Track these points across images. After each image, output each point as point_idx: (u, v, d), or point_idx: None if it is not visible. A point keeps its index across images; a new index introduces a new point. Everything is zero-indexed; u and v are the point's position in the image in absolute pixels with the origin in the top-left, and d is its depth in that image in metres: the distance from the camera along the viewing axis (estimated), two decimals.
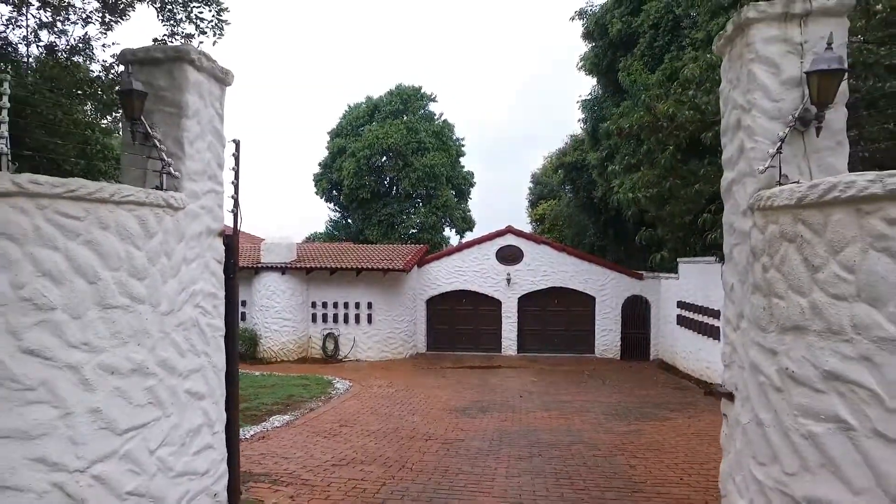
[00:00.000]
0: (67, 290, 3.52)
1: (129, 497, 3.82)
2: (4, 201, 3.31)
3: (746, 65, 3.76)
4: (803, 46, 3.57)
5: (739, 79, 3.87)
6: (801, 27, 3.58)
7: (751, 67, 3.72)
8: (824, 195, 3.07)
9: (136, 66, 4.38)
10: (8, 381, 3.30)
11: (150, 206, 3.97)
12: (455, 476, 6.47)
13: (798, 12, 3.56)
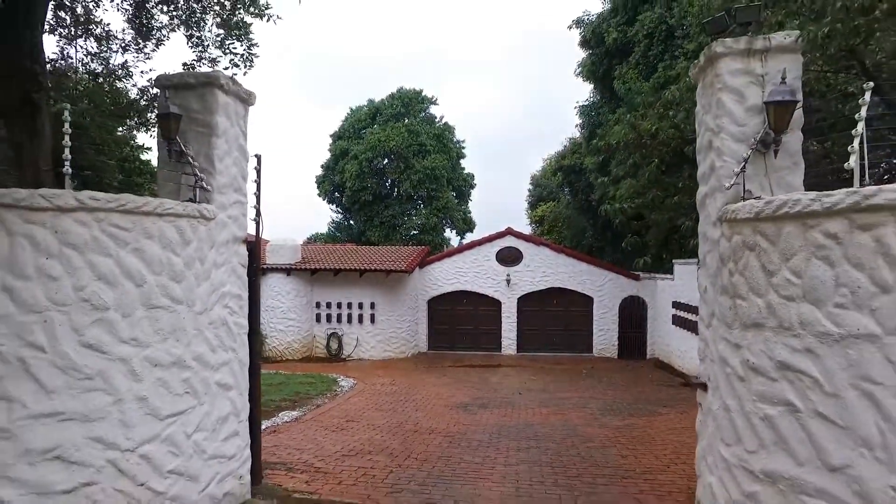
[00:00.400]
0: (119, 293, 4.04)
1: (169, 475, 4.34)
2: (68, 215, 3.84)
3: (716, 93, 4.28)
4: (764, 78, 4.08)
5: (710, 105, 4.39)
6: (762, 61, 4.09)
7: (719, 96, 4.24)
8: (777, 210, 3.58)
9: (172, 91, 4.90)
10: (72, 370, 3.83)
11: (186, 217, 4.49)
12: (457, 464, 6.97)
13: (759, 48, 4.08)
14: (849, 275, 3.22)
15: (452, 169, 30.28)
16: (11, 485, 3.67)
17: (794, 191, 4.08)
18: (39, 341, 3.77)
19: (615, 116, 13.44)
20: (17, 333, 3.71)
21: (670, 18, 12.91)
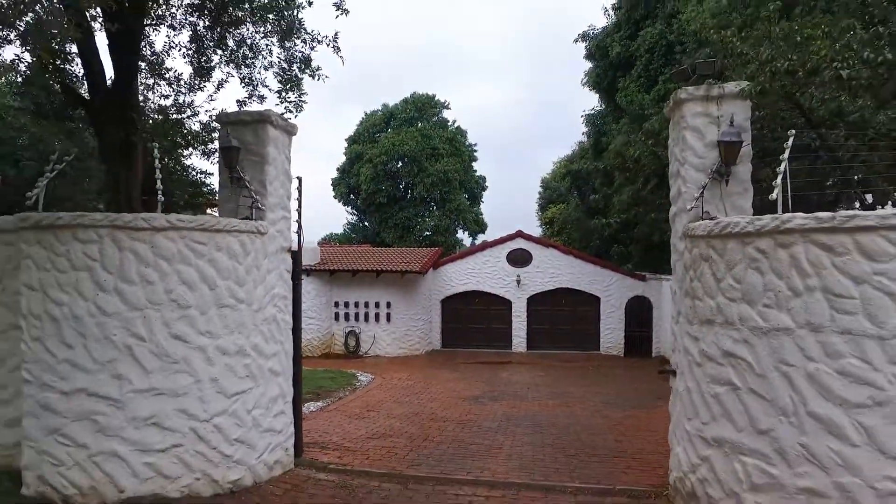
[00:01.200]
0: (198, 295, 5.12)
1: (234, 443, 5.41)
2: (161, 234, 4.93)
3: (681, 130, 5.24)
4: (719, 119, 5.04)
5: (678, 139, 5.35)
6: (718, 105, 5.05)
7: (684, 133, 5.20)
8: (723, 230, 4.55)
9: (231, 127, 5.97)
10: (164, 356, 4.92)
11: (246, 232, 5.56)
12: (469, 445, 7.98)
13: (714, 95, 5.04)
14: (773, 281, 4.18)
15: (465, 171, 31.30)
16: (123, 443, 4.78)
17: (744, 212, 5.04)
18: (141, 332, 4.88)
19: (618, 126, 14.35)
20: (125, 326, 4.81)
21: (670, 34, 13.79)
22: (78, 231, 4.84)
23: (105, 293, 4.84)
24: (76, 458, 4.82)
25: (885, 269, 3.72)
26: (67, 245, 4.84)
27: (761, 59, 5.03)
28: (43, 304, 4.88)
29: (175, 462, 5.01)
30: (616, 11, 15.93)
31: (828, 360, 3.90)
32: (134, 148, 5.39)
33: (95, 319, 4.84)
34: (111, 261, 4.85)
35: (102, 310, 4.84)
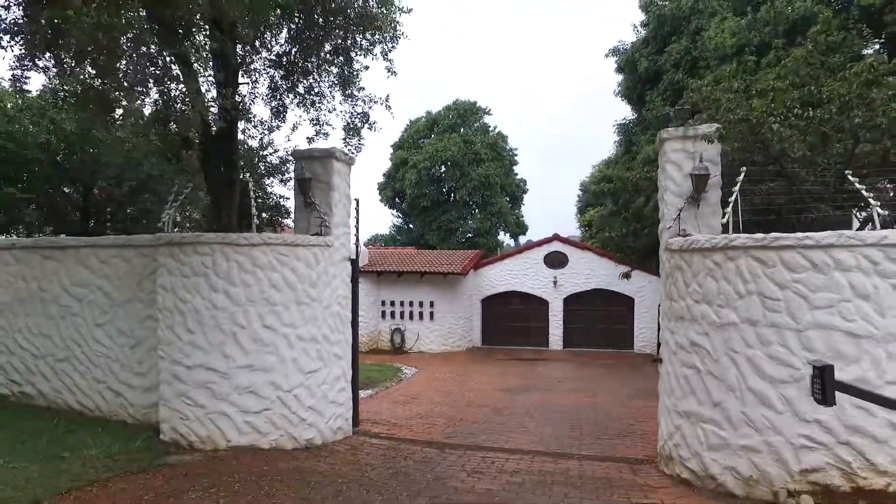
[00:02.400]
0: (282, 294, 6.74)
1: (308, 409, 7.02)
2: (257, 248, 6.57)
3: (665, 163, 6.51)
4: (694, 154, 6.28)
5: (663, 170, 6.62)
6: (693, 143, 6.29)
7: (666, 165, 6.47)
8: (690, 245, 5.81)
9: (304, 161, 7.60)
10: (258, 341, 6.58)
11: (318, 246, 7.17)
12: (499, 425, 9.39)
13: (690, 135, 6.29)
14: (724, 287, 5.43)
15: (506, 175, 32.56)
16: (229, 405, 6.48)
17: (714, 230, 6.25)
18: (242, 322, 6.56)
19: (646, 137, 15.35)
20: (230, 318, 6.50)
21: (694, 50, 14.72)
22: (197, 247, 6.58)
23: (216, 293, 6.55)
24: (197, 415, 6.56)
25: (800, 277, 4.93)
26: (190, 257, 6.58)
27: (721, 110, 6.23)
28: (173, 300, 6.64)
29: (266, 421, 6.68)
30: (644, 28, 16.93)
31: (761, 347, 5.13)
32: (233, 181, 7.11)
33: (210, 312, 6.55)
34: (221, 269, 6.56)
35: (214, 305, 6.56)
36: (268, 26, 7.32)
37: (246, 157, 7.59)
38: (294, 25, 7.61)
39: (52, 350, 7.81)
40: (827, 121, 5.62)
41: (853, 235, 4.82)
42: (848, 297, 4.79)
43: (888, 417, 4.65)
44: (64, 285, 7.76)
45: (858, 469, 4.74)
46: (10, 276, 8.05)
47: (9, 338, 8.05)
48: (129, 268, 7.40)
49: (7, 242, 8.39)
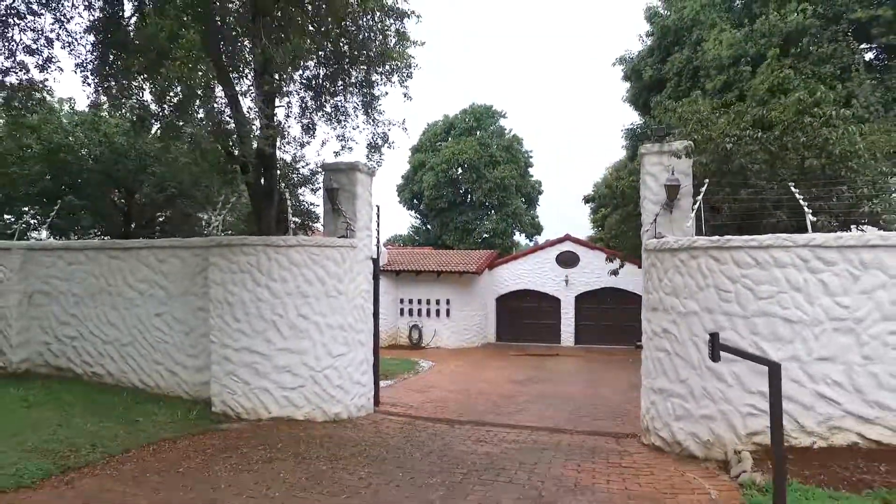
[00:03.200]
0: (314, 288, 7.94)
1: (336, 388, 8.19)
2: (293, 249, 7.78)
3: (644, 175, 7.54)
4: (668, 167, 7.30)
5: (643, 180, 7.65)
6: (668, 157, 7.31)
7: (645, 177, 7.50)
8: (662, 246, 6.84)
9: (331, 172, 8.79)
10: (294, 328, 7.78)
11: (344, 247, 8.35)
12: (504, 408, 10.48)
13: (665, 150, 7.31)
14: (688, 281, 6.45)
15: (521, 177, 33.54)
16: (270, 382, 7.70)
17: (685, 233, 7.26)
18: (280, 312, 7.75)
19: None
20: (271, 308, 7.72)
21: (695, 60, 15.59)
22: (244, 248, 7.81)
23: (259, 287, 7.78)
24: (243, 390, 7.79)
25: (747, 273, 5.95)
26: (237, 256, 7.82)
27: (687, 131, 7.24)
28: (223, 293, 7.89)
29: (300, 396, 7.88)
30: (649, 38, 17.81)
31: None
32: (272, 192, 8.33)
33: (254, 303, 7.78)
34: (263, 266, 7.78)
35: (258, 297, 7.78)
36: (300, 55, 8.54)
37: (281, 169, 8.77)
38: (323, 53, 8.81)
39: (118, 336, 9.15)
40: (773, 141, 6.59)
41: (787, 238, 5.82)
42: (784, 289, 5.80)
43: (815, 388, 5.65)
44: (128, 281, 9.09)
45: (791, 431, 5.74)
46: (83, 274, 9.41)
47: (82, 326, 9.41)
48: (183, 266, 8.69)
49: (79, 244, 9.76)
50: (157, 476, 5.51)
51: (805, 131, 6.49)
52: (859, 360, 5.61)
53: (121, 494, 4.95)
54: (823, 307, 5.71)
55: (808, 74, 13.30)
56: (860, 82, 12.45)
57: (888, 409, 5.53)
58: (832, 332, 5.69)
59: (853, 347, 5.63)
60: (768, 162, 6.85)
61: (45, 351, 9.72)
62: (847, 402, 5.63)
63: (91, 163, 14.37)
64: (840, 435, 5.66)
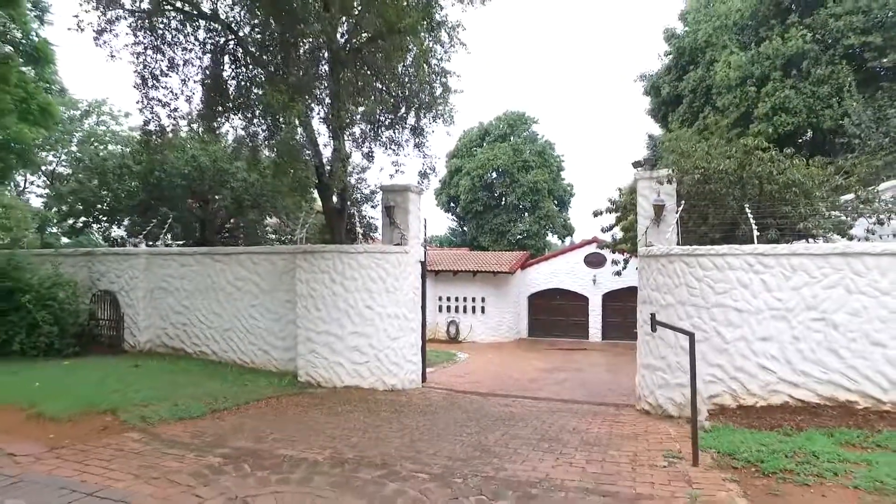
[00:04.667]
0: (377, 285, 10.27)
1: (392, 364, 10.48)
2: (360, 255, 10.12)
3: (638, 196, 9.55)
4: (656, 190, 9.28)
5: (637, 200, 9.65)
6: (656, 182, 9.30)
7: (639, 198, 9.51)
8: (649, 252, 8.85)
9: (388, 192, 11.08)
10: (361, 316, 10.13)
11: (399, 252, 10.63)
12: (529, 388, 12.58)
13: (654, 176, 9.30)
14: (667, 280, 8.45)
15: (553, 181, 35.38)
16: (343, 358, 10.05)
17: (670, 243, 9.22)
18: (351, 304, 10.10)
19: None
20: (344, 300, 10.07)
21: (708, 79, 17.27)
22: (323, 254, 10.17)
23: (335, 284, 10.13)
24: (322, 364, 10.16)
25: (709, 273, 7.92)
26: (318, 261, 10.19)
27: (671, 160, 9.19)
28: (307, 289, 10.28)
29: (366, 370, 10.19)
30: (667, 57, 19.53)
31: (687, 319, 8.13)
32: (343, 209, 10.67)
33: (331, 297, 10.14)
34: (338, 268, 10.13)
35: (334, 293, 10.13)
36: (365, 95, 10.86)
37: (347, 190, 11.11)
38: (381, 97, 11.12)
39: (220, 323, 11.69)
40: (733, 172, 8.50)
41: (737, 247, 7.77)
42: (735, 286, 7.75)
43: (757, 361, 7.59)
44: (228, 279, 11.62)
45: (741, 394, 7.68)
46: (193, 273, 12.00)
47: (192, 315, 12.00)
48: (273, 267, 11.14)
49: (190, 251, 12.36)
50: (272, 416, 7.89)
51: (752, 166, 8.37)
52: (790, 340, 7.52)
53: (254, 425, 7.32)
54: (764, 300, 7.63)
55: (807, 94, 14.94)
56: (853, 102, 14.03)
57: (810, 377, 7.42)
58: (770, 319, 7.61)
59: (785, 330, 7.54)
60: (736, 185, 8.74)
61: (163, 334, 12.38)
62: (781, 371, 7.54)
63: (179, 179, 17.14)
64: (776, 396, 7.58)
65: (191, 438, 6.60)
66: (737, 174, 8.60)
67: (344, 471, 5.50)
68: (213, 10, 11.10)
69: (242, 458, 5.87)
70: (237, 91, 11.20)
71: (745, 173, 8.55)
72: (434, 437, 7.00)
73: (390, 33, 9.07)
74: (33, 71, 16.60)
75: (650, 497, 4.85)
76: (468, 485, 5.14)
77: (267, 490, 4.94)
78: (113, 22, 10.53)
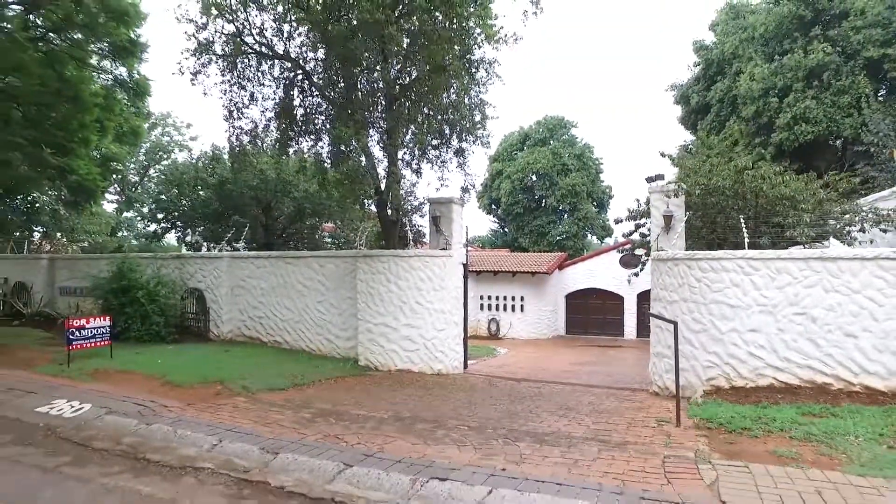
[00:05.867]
0: (426, 284, 12.16)
1: (438, 352, 12.35)
2: (412, 258, 12.05)
3: (651, 206, 11.07)
4: (665, 201, 10.79)
5: (651, 209, 11.17)
6: (665, 196, 10.81)
7: (651, 209, 11.04)
8: (659, 256, 10.38)
9: (434, 204, 12.94)
10: (412, 311, 12.06)
11: (444, 256, 12.48)
12: (558, 376, 14.19)
13: (665, 190, 10.82)
14: (673, 280, 9.98)
15: (592, 183, 36.56)
16: (397, 346, 11.99)
17: (679, 248, 10.70)
18: (404, 300, 12.03)
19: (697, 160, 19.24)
20: (398, 297, 12.00)
21: (734, 89, 18.37)
22: (380, 258, 12.12)
23: (390, 283, 12.07)
24: (379, 351, 12.12)
25: (706, 275, 9.42)
26: (376, 263, 12.15)
27: (679, 178, 10.66)
28: (366, 287, 12.26)
29: (416, 356, 12.08)
30: (696, 67, 20.65)
31: (688, 313, 9.64)
32: (397, 220, 12.63)
33: (387, 294, 12.08)
34: (392, 269, 12.06)
35: (389, 290, 12.06)
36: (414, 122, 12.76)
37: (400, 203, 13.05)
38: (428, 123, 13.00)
39: (291, 316, 13.84)
40: (729, 188, 9.94)
41: (731, 252, 9.22)
42: (728, 286, 9.22)
43: (748, 349, 9.04)
44: (298, 279, 13.74)
45: (733, 377, 9.15)
46: (268, 274, 14.20)
47: (267, 309, 14.21)
48: (336, 269, 13.18)
49: (265, 254, 14.57)
50: (342, 390, 9.86)
51: (744, 184, 9.76)
52: (775, 331, 8.94)
53: (329, 395, 9.29)
54: (753, 297, 9.07)
55: (827, 104, 15.99)
56: (872, 112, 15.05)
57: (792, 362, 8.83)
58: (758, 313, 9.04)
59: (771, 323, 8.96)
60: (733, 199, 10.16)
61: (242, 326, 14.65)
62: (767, 358, 8.97)
63: (247, 190, 19.56)
64: (763, 379, 9.01)
65: (283, 402, 8.63)
66: (733, 189, 10.04)
67: (404, 423, 7.38)
68: (285, 51, 13.23)
69: (326, 414, 7.83)
70: (304, 118, 13.33)
71: (740, 189, 9.97)
72: (473, 405, 8.81)
73: (435, 72, 10.93)
74: (125, 99, 19.36)
75: (634, 443, 6.51)
76: (497, 433, 6.92)
77: (349, 432, 6.86)
78: (206, 65, 12.81)
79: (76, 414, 7.50)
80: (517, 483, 5.11)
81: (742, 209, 10.14)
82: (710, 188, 10.18)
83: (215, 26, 12.76)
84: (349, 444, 6.40)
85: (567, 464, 5.73)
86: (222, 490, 5.28)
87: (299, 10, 12.36)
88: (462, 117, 11.93)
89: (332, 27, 10.90)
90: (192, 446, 6.31)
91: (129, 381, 9.38)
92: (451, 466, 5.57)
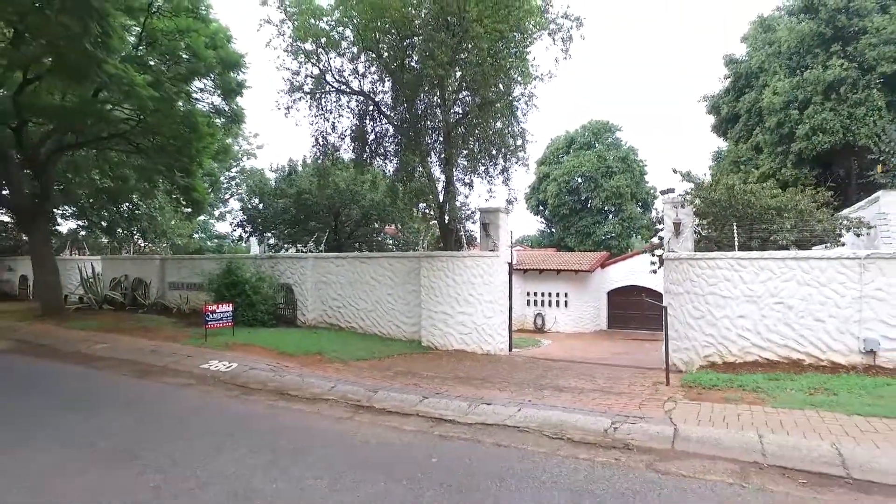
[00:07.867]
0: (477, 280, 14.96)
1: (487, 336, 15.11)
2: (466, 258, 14.88)
3: (663, 215, 13.44)
4: (675, 210, 13.15)
5: (662, 216, 13.53)
6: (673, 206, 13.15)
7: (664, 217, 13.41)
8: (668, 257, 12.77)
9: (483, 212, 15.70)
10: (465, 301, 14.89)
11: (492, 257, 15.21)
12: (590, 359, 16.64)
13: (675, 201, 13.18)
14: (679, 276, 12.37)
15: (636, 184, 38.32)
16: (454, 330, 14.87)
17: (688, 250, 13.02)
18: (459, 293, 14.87)
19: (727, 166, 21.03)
20: (456, 291, 14.86)
21: (760, 101, 20.18)
22: (440, 258, 14.98)
23: (447, 279, 14.91)
24: (439, 334, 14.99)
25: (704, 272, 11.78)
26: (436, 262, 15.01)
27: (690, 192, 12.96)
28: (428, 282, 15.14)
29: (469, 339, 14.87)
30: (726, 80, 22.47)
31: (690, 303, 12.01)
32: (453, 228, 15.46)
33: (445, 288, 14.92)
34: (450, 268, 14.89)
35: (447, 285, 14.91)
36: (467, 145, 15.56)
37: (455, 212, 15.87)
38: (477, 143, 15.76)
39: (365, 306, 16.90)
40: (724, 200, 12.20)
41: (724, 253, 11.53)
42: (721, 280, 11.54)
43: (737, 332, 11.34)
44: (371, 275, 16.79)
45: (725, 354, 11.47)
46: (346, 272, 17.34)
47: (345, 300, 17.34)
48: (403, 267, 16.13)
49: (344, 255, 17.73)
50: (411, 361, 12.76)
51: (735, 197, 12.01)
52: (759, 317, 11.20)
53: (402, 364, 12.19)
54: (741, 290, 11.36)
55: (844, 115, 17.78)
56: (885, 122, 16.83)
57: (773, 343, 11.08)
58: (745, 303, 11.33)
59: (756, 311, 11.23)
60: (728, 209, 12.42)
61: (324, 314, 17.85)
62: (753, 339, 11.25)
63: (322, 199, 22.89)
64: (749, 356, 11.29)
65: (369, 367, 11.60)
66: (727, 202, 12.32)
67: (461, 380, 10.19)
68: (359, 87, 16.31)
69: (404, 374, 10.74)
70: (375, 142, 16.38)
71: (733, 201, 12.24)
72: (514, 372, 11.53)
73: (484, 106, 13.70)
74: (219, 123, 23.07)
75: (628, 393, 9.08)
76: (529, 387, 9.63)
77: (424, 383, 9.72)
78: (297, 101, 16.05)
79: (229, 369, 10.72)
80: (537, 406, 7.83)
81: (739, 218, 12.40)
82: (711, 200, 12.49)
83: (305, 70, 16.00)
84: (425, 388, 9.26)
85: (574, 401, 8.38)
86: (344, 408, 8.24)
87: (370, 52, 15.40)
88: (505, 144, 14.65)
89: (399, 71, 13.90)
90: (316, 388, 9.34)
91: (253, 351, 12.61)
92: (493, 400, 8.33)
